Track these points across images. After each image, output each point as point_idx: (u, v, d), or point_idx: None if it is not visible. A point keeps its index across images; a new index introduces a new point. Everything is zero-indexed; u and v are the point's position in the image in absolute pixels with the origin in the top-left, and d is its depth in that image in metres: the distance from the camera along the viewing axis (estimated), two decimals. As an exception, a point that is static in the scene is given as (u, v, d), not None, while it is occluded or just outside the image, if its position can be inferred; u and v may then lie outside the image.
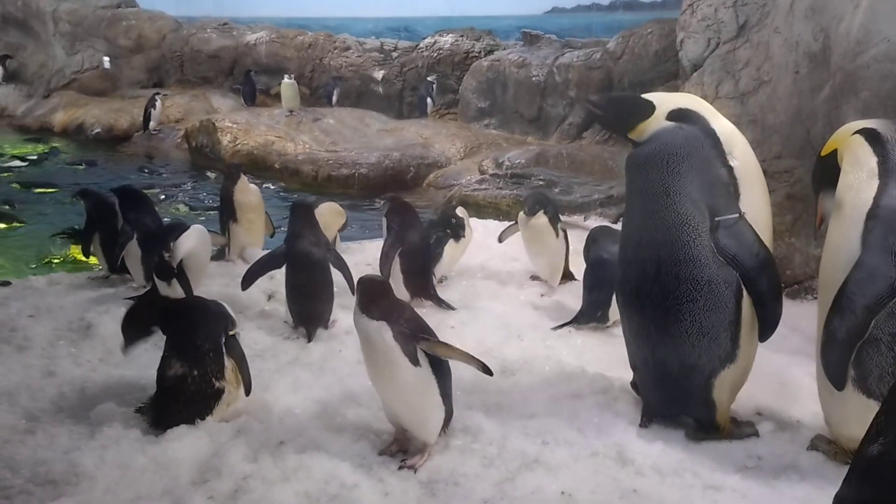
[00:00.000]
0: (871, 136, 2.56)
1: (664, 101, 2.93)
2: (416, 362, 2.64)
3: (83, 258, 5.25)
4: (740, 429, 2.96)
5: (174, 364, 2.87)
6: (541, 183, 8.64)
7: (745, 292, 2.77)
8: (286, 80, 11.78)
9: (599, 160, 9.63)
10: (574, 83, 11.04)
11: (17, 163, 11.21)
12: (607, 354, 3.74)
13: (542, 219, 4.56)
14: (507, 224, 5.91)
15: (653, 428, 2.96)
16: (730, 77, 5.31)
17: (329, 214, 4.94)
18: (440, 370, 2.74)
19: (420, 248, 4.42)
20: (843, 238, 2.52)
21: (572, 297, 4.48)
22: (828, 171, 2.68)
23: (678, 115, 2.85)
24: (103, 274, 4.92)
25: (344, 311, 3.89)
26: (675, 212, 2.74)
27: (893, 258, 2.38)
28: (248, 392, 3.00)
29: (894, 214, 2.41)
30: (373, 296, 2.67)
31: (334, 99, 12.62)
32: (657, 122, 2.86)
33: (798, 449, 2.83)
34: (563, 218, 7.40)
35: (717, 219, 2.72)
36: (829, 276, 2.60)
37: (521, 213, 4.71)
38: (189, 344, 2.89)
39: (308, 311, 3.90)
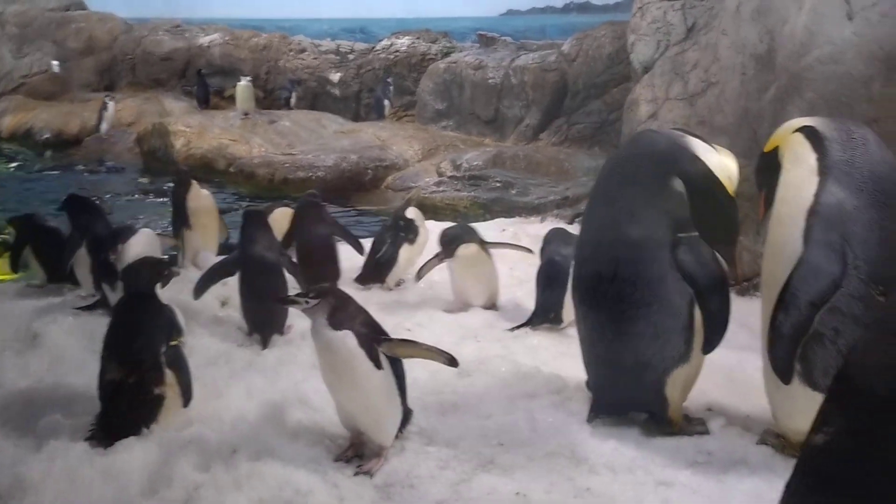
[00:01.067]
0: (811, 134, 2.61)
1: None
2: (379, 366, 2.65)
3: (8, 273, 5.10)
4: (692, 425, 3.01)
5: (111, 369, 2.82)
6: (498, 184, 8.70)
7: None
8: (241, 82, 11.66)
9: (556, 161, 9.72)
10: (530, 85, 11.13)
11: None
12: (562, 354, 3.77)
13: (471, 247, 4.33)
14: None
15: (606, 426, 2.99)
16: (679, 79, 5.40)
17: (284, 219, 4.90)
18: (397, 371, 2.75)
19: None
20: (785, 235, 2.57)
21: (529, 299, 4.51)
22: (770, 168, 2.74)
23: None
24: (38, 283, 4.84)
25: (300, 316, 3.85)
26: (639, 222, 2.80)
27: (835, 255, 2.43)
28: (185, 403, 2.96)
29: (834, 211, 2.46)
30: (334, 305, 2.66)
31: (292, 101, 12.53)
32: None
33: (747, 443, 2.88)
34: (519, 218, 7.55)
35: (679, 235, 2.78)
36: (771, 273, 2.65)
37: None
38: (124, 349, 2.84)
39: (263, 317, 3.86)
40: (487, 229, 6.64)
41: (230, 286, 4.20)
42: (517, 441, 2.87)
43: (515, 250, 4.72)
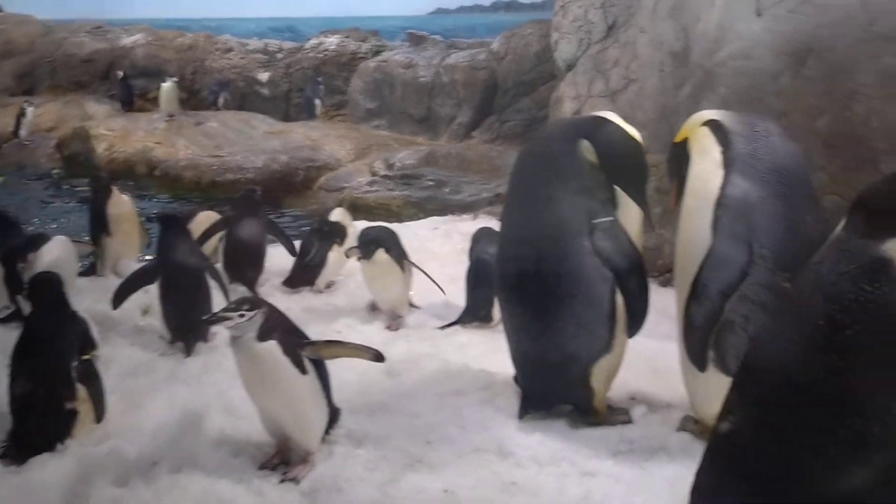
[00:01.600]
0: (716, 128, 2.70)
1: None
2: (304, 371, 2.63)
3: None
4: (615, 415, 3.08)
5: (20, 383, 2.72)
6: (430, 183, 8.71)
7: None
8: (165, 83, 11.38)
9: (487, 159, 9.78)
10: (461, 84, 11.18)
11: None
12: (492, 350, 3.79)
13: (382, 256, 4.19)
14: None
15: (532, 420, 3.03)
16: (601, 76, 5.50)
17: (208, 223, 4.80)
18: (321, 373, 2.73)
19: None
20: (694, 227, 2.65)
21: (460, 297, 4.53)
22: (680, 158, 2.83)
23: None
24: None
25: (225, 321, 3.79)
26: (556, 214, 2.86)
27: (742, 245, 2.52)
28: (98, 419, 2.89)
29: (740, 203, 2.54)
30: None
31: (220, 102, 12.29)
32: None
33: (668, 430, 2.96)
34: (451, 216, 7.57)
35: (594, 221, 2.84)
36: (683, 264, 2.74)
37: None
38: (32, 363, 2.75)
39: (185, 325, 3.78)
40: (420, 228, 6.68)
41: (152, 293, 4.10)
42: (445, 438, 2.88)
43: (428, 276, 4.46)
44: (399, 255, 4.26)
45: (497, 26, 12.28)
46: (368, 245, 4.19)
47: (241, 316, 2.52)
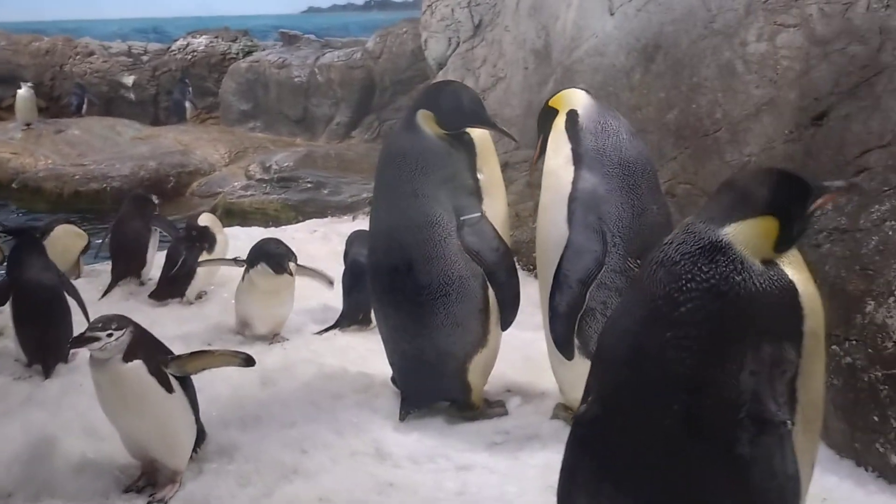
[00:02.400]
0: (571, 122, 2.80)
1: None
2: (171, 390, 2.53)
3: None
4: (491, 408, 3.14)
5: None
6: (309, 185, 8.59)
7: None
8: (21, 90, 10.66)
9: (368, 158, 9.72)
10: (337, 83, 11.07)
11: None
12: (371, 352, 3.77)
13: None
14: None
15: (410, 419, 3.05)
16: (471, 74, 5.59)
17: (66, 237, 4.56)
18: (188, 389, 2.64)
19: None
20: (551, 221, 2.77)
21: (339, 300, 4.49)
22: (548, 119, 2.93)
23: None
24: None
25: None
26: (424, 213, 2.87)
27: (595, 235, 2.65)
28: None
29: (591, 196, 2.68)
30: None
31: (84, 108, 11.65)
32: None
33: (541, 419, 3.04)
34: (331, 218, 7.50)
35: (461, 218, 2.88)
36: (544, 255, 2.85)
37: (255, 271, 3.90)
38: None
39: (43, 346, 3.55)
40: (298, 231, 6.57)
41: (6, 314, 3.84)
42: (321, 445, 2.85)
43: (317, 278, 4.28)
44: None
45: (371, 25, 12.25)
46: (256, 259, 3.89)
47: (110, 336, 2.40)
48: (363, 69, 11.06)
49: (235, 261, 4.06)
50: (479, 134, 2.98)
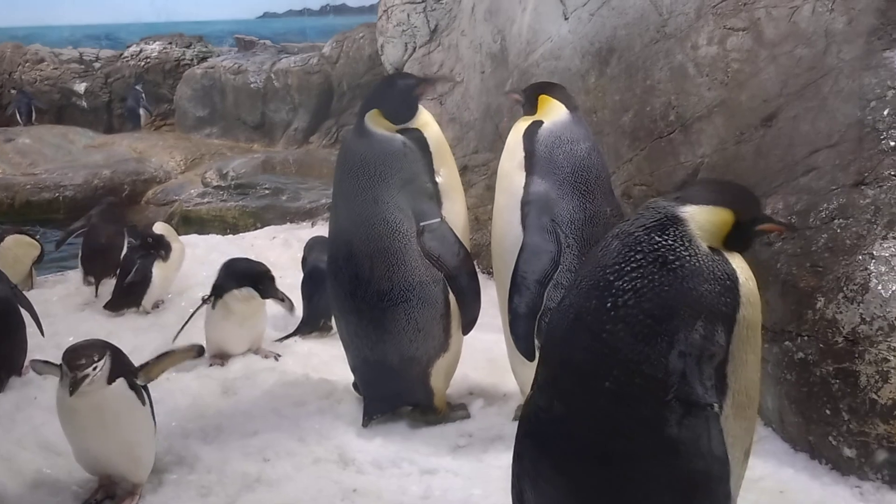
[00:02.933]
0: (530, 132, 2.83)
1: None
2: (144, 401, 2.51)
3: None
4: (454, 411, 3.16)
5: None
6: (267, 191, 8.50)
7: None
8: (-33, 98, 10.40)
9: (327, 163, 9.66)
10: (295, 88, 11.00)
11: None
12: (333, 358, 3.76)
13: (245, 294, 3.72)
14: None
15: (373, 424, 3.04)
16: (428, 78, 5.59)
17: (17, 247, 4.47)
18: (149, 398, 2.60)
19: None
20: (507, 223, 2.81)
21: (300, 306, 4.45)
22: (531, 104, 2.96)
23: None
24: None
25: (40, 350, 3.52)
26: (385, 219, 2.87)
27: (550, 236, 2.69)
28: None
29: (543, 199, 2.73)
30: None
31: (34, 116, 11.39)
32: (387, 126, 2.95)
33: (504, 421, 3.06)
34: (290, 224, 7.44)
35: (422, 224, 2.89)
36: (500, 258, 2.88)
37: (234, 295, 3.70)
38: None
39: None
40: (257, 238, 6.51)
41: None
42: (284, 453, 2.84)
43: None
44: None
45: (327, 30, 12.18)
46: (261, 282, 3.71)
47: (95, 368, 2.32)
48: (321, 74, 11.00)
49: (204, 301, 3.80)
50: (434, 132, 2.99)
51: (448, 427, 3.04)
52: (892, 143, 2.76)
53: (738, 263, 1.72)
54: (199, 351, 2.66)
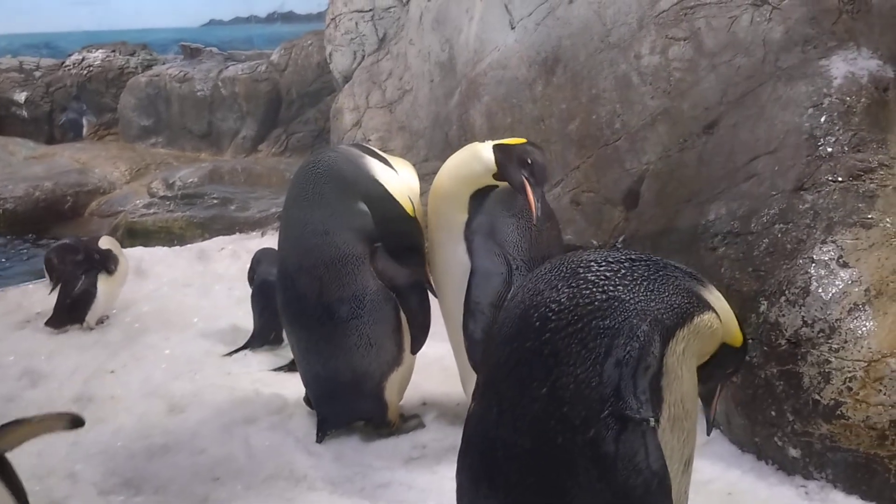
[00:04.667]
0: (479, 196, 2.77)
1: None
2: None
3: None
4: (408, 422, 3.14)
5: None
6: (215, 201, 8.36)
7: None
8: None
9: (276, 172, 9.58)
10: (242, 96, 10.86)
11: None
12: (285, 371, 3.73)
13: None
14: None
15: (326, 439, 3.01)
16: (377, 87, 5.58)
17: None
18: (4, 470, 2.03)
19: None
20: (451, 254, 2.77)
21: (249, 320, 4.39)
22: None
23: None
24: None
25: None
26: (336, 245, 2.87)
27: (498, 258, 2.69)
28: None
29: (485, 226, 2.71)
30: None
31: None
32: None
33: (458, 430, 2.98)
34: (239, 234, 7.33)
35: (375, 245, 2.89)
36: (447, 289, 2.86)
37: None
38: None
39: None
40: (204, 250, 6.40)
41: None
42: (233, 472, 2.79)
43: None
44: None
45: (275, 37, 12.03)
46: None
47: None
48: (269, 82, 10.88)
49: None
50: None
51: (402, 439, 3.02)
52: (829, 150, 2.85)
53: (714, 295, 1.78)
54: (72, 421, 2.08)
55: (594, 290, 1.63)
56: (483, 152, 2.73)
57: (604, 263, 1.68)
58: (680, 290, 1.69)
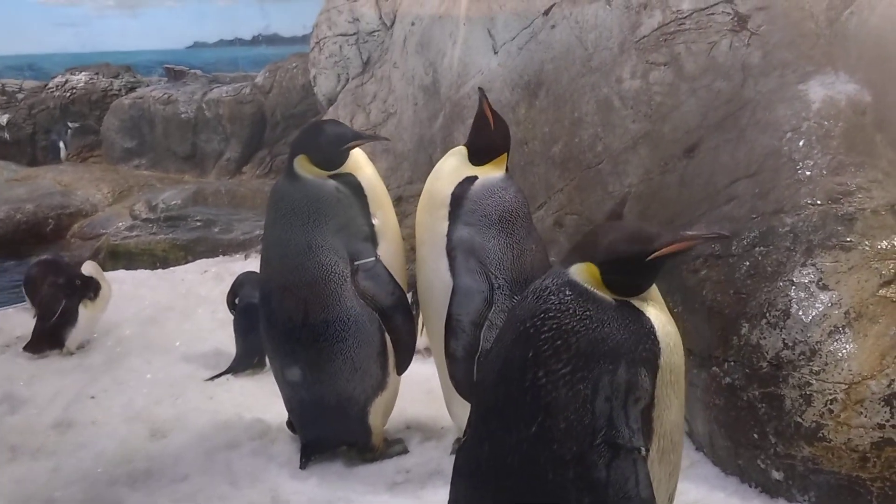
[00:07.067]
0: (462, 187, 2.79)
1: None
2: None
3: None
4: (392, 447, 3.12)
5: None
6: (199, 223, 8.32)
7: None
8: None
9: (261, 194, 9.53)
10: (227, 118, 10.87)
11: None
12: (269, 395, 3.67)
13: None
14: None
15: (308, 465, 2.98)
16: (361, 110, 5.61)
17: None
18: None
19: None
20: (433, 271, 2.79)
21: (232, 343, 4.36)
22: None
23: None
24: None
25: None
26: (319, 264, 2.85)
27: (479, 276, 2.70)
28: None
29: (468, 243, 2.72)
30: None
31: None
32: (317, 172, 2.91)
33: (442, 454, 3.04)
34: (222, 257, 7.30)
35: (356, 263, 2.87)
36: (430, 306, 2.87)
37: None
38: None
39: None
40: (188, 272, 6.36)
41: None
42: (215, 498, 2.76)
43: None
44: None
45: (260, 60, 12.08)
46: None
47: None
48: (253, 104, 10.91)
49: None
50: (368, 176, 2.97)
51: (385, 463, 3.00)
52: (808, 173, 2.88)
53: (650, 307, 1.77)
54: None
55: (568, 330, 1.68)
56: (456, 149, 2.85)
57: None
58: (625, 315, 1.72)
